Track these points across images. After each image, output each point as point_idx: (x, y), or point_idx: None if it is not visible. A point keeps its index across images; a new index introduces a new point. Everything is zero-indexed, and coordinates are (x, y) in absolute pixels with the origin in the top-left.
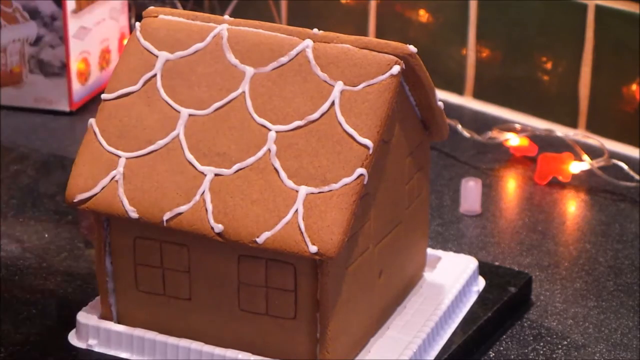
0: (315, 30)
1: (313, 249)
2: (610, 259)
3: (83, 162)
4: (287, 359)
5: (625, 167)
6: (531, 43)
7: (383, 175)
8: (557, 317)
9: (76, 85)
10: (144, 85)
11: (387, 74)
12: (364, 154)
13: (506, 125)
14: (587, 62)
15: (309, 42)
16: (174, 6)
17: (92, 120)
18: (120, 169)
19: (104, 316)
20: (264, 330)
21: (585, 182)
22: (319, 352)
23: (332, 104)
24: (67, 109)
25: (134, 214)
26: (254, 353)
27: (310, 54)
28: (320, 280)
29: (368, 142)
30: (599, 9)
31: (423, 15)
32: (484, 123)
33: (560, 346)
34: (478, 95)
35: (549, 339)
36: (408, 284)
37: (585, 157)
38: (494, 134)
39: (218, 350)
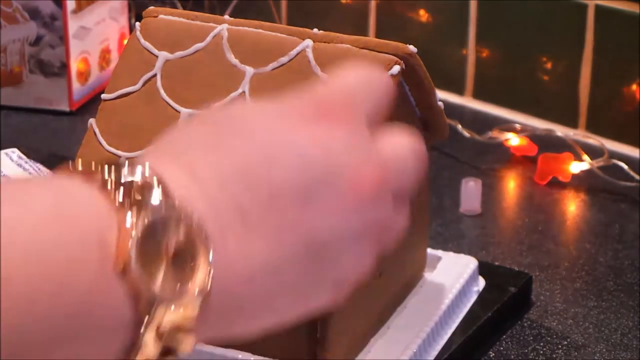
0: (315, 30)
1: None
2: (610, 259)
3: None
4: (287, 358)
5: (625, 167)
6: (531, 43)
7: None
8: (557, 317)
9: (76, 85)
10: (144, 85)
11: (387, 74)
12: None
13: (506, 125)
14: (587, 62)
15: (309, 42)
16: (174, 6)
17: (92, 120)
18: None
19: None
20: None
21: (585, 182)
22: (319, 352)
23: None
24: (67, 109)
25: None
26: (254, 353)
27: (310, 53)
28: None
29: None
30: (599, 9)
31: (423, 15)
32: (484, 123)
33: (560, 346)
34: (478, 95)
35: (549, 339)
36: (408, 284)
37: (585, 157)
38: (494, 134)
39: (218, 350)
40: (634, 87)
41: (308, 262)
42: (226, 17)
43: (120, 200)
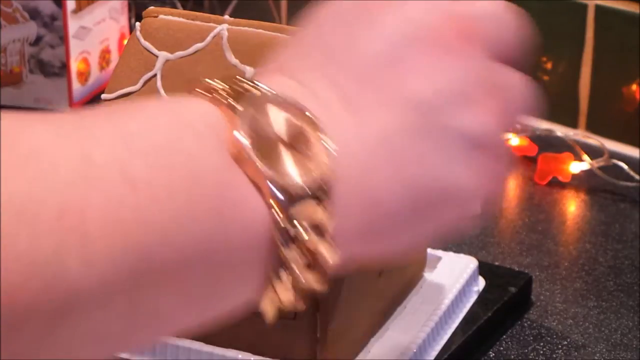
0: None
1: None
2: (610, 259)
3: None
4: (287, 359)
5: (625, 167)
6: (531, 43)
7: None
8: (557, 317)
9: (76, 85)
10: (144, 85)
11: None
12: None
13: None
14: (587, 62)
15: None
16: (174, 6)
17: None
18: None
19: None
20: (264, 330)
21: (585, 182)
22: (319, 352)
23: None
24: (67, 109)
25: None
26: (254, 353)
27: None
28: None
29: None
30: (599, 9)
31: None
32: None
33: (560, 346)
34: None
35: (549, 339)
36: (408, 284)
37: (585, 157)
38: None
39: (218, 350)
40: (634, 87)
41: (424, 126)
42: (226, 17)
43: (224, 98)
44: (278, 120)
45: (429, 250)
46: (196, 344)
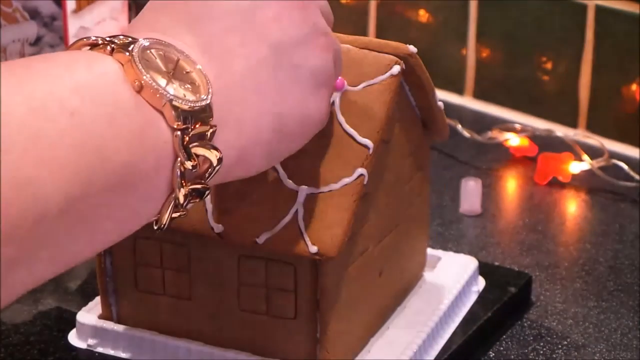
0: None
1: (313, 249)
2: (610, 259)
3: None
4: (287, 359)
5: (625, 167)
6: (531, 43)
7: (383, 175)
8: (557, 317)
9: None
10: None
11: (387, 74)
12: (364, 154)
13: (506, 125)
14: (587, 62)
15: None
16: None
17: None
18: None
19: (104, 316)
20: (264, 330)
21: (585, 182)
22: (319, 352)
23: (332, 104)
24: None
25: None
26: (254, 353)
27: None
28: (320, 280)
29: (368, 142)
30: (599, 9)
31: (423, 15)
32: (484, 123)
33: (560, 346)
34: (478, 95)
35: (549, 339)
36: (408, 284)
37: (585, 157)
38: (494, 134)
39: (218, 350)
40: (634, 87)
41: (280, 64)
42: None
43: (116, 49)
44: (160, 59)
45: (429, 250)
46: (196, 344)
